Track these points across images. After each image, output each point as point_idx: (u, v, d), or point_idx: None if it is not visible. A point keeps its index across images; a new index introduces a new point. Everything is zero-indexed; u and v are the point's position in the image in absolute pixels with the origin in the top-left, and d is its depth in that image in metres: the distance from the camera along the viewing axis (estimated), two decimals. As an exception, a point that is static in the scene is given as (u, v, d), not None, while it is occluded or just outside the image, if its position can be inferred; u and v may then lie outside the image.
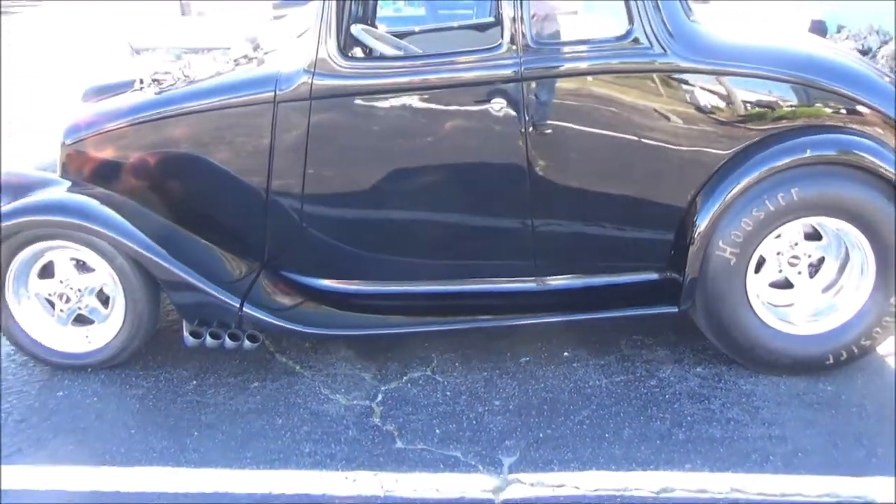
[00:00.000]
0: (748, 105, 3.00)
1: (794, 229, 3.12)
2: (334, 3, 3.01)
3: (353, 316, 3.30)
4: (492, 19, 4.41)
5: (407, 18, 6.94)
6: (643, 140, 3.02)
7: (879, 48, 8.30)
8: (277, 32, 5.07)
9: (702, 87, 2.97)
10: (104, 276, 3.21)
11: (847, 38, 9.05)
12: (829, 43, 3.72)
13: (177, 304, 3.19)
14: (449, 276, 3.35)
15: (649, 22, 2.93)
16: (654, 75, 2.97)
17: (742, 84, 2.97)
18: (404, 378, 3.22)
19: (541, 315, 3.22)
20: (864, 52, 8.71)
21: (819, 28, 5.91)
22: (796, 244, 3.15)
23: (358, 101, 3.10)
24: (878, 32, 8.82)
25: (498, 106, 2.99)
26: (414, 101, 3.10)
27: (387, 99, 3.10)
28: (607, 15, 3.44)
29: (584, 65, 3.00)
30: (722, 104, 2.98)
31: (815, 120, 3.01)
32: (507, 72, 2.99)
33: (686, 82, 2.97)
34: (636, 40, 2.95)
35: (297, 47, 3.55)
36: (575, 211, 3.18)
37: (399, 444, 2.81)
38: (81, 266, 3.24)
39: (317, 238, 3.32)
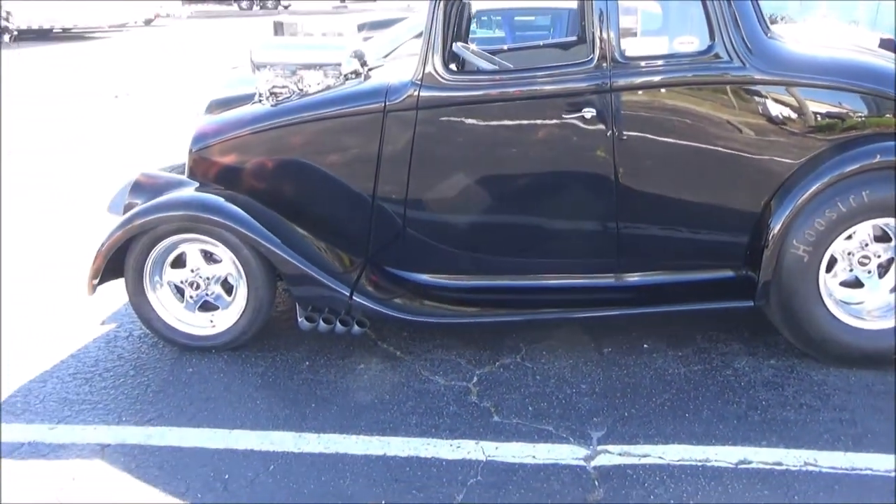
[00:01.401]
0: (820, 115, 3.25)
1: (865, 231, 3.34)
2: (441, 23, 3.36)
3: (448, 307, 3.62)
4: (574, 38, 4.73)
5: (480, 40, 7.30)
6: (720, 149, 3.29)
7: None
8: (370, 53, 5.47)
9: (776, 99, 3.24)
10: (229, 266, 3.59)
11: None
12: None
13: (294, 292, 3.54)
14: (539, 272, 3.65)
15: (730, 38, 3.20)
16: (732, 87, 3.24)
17: (814, 95, 3.23)
18: (496, 364, 3.52)
19: (628, 307, 3.49)
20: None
21: (889, 45, 6.04)
22: (866, 245, 3.37)
23: (459, 112, 3.44)
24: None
25: (588, 115, 3.29)
26: (509, 111, 3.42)
27: (485, 109, 3.43)
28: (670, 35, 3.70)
29: (667, 77, 3.28)
30: (795, 115, 3.24)
31: (884, 129, 3.24)
32: (597, 83, 3.29)
33: (761, 94, 3.24)
34: (717, 55, 3.23)
35: (399, 64, 3.93)
36: (656, 214, 3.46)
37: (496, 419, 3.10)
38: (209, 257, 3.63)
39: (416, 237, 3.66)
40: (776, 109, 3.24)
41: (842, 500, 2.58)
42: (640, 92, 3.30)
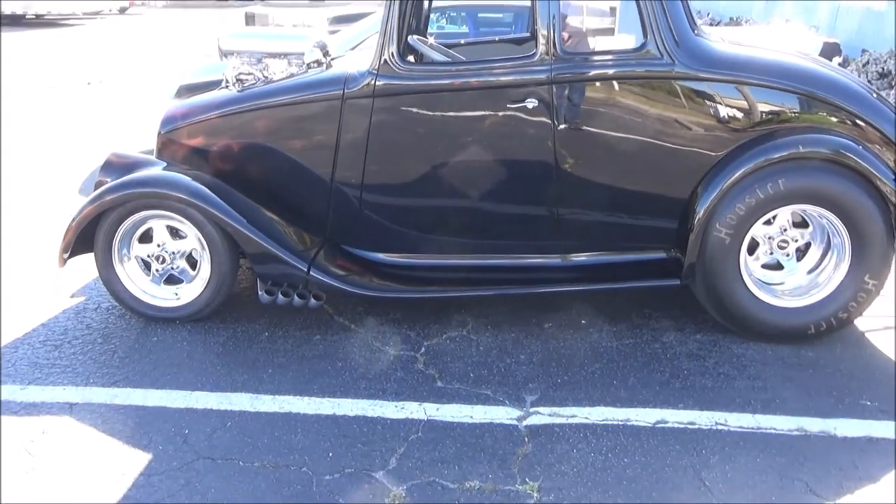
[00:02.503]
0: (741, 110, 3.52)
1: (784, 217, 3.63)
2: (396, 15, 3.60)
3: (400, 284, 3.86)
4: (527, 34, 4.99)
5: (449, 34, 7.55)
6: (651, 139, 3.56)
7: (898, 71, 8.73)
8: (336, 45, 5.70)
9: (702, 94, 3.51)
10: (194, 241, 3.81)
11: (868, 62, 9.50)
12: (827, 62, 4.21)
13: (255, 267, 3.77)
14: (484, 252, 3.91)
15: (661, 36, 3.47)
16: (662, 82, 3.51)
17: (736, 91, 3.50)
18: (444, 336, 3.78)
19: (562, 285, 3.76)
20: (883, 75, 9.16)
21: (832, 50, 6.37)
22: (785, 230, 3.67)
23: (413, 100, 3.68)
24: (897, 56, 9.25)
25: (531, 105, 3.55)
26: (459, 100, 3.67)
27: (437, 98, 3.67)
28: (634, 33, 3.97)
29: (603, 71, 3.55)
30: (719, 109, 3.51)
31: (802, 124, 3.52)
32: (541, 76, 3.55)
33: (688, 89, 3.51)
34: (648, 52, 3.50)
35: (360, 56, 4.16)
36: (594, 198, 3.72)
37: (439, 384, 3.36)
38: (175, 233, 3.85)
39: (372, 218, 3.90)
40: (702, 103, 3.51)
41: (746, 455, 2.86)
42: (578, 84, 3.56)
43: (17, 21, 21.98)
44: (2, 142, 7.68)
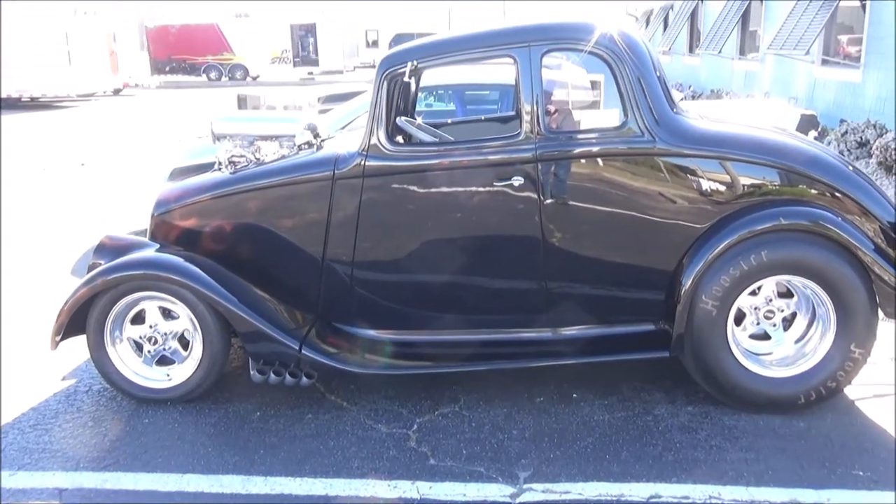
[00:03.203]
0: (724, 184, 3.61)
1: (769, 287, 3.69)
2: (384, 98, 3.72)
3: (392, 360, 3.88)
4: (513, 113, 5.12)
5: (437, 112, 7.73)
6: (636, 213, 3.64)
7: (875, 140, 8.94)
8: (327, 124, 5.84)
9: (683, 169, 3.60)
10: (186, 322, 3.83)
11: (846, 132, 9.74)
12: (803, 136, 4.34)
13: (246, 346, 3.78)
14: (475, 326, 3.94)
15: (640, 114, 3.58)
16: (644, 159, 3.61)
17: (716, 166, 3.60)
18: (436, 412, 3.77)
19: (554, 358, 3.78)
20: (862, 144, 9.38)
21: (810, 122, 6.55)
22: (771, 300, 3.72)
23: (402, 179, 3.76)
24: (874, 126, 9.50)
25: (517, 182, 3.63)
26: (447, 179, 3.75)
27: (425, 177, 3.75)
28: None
29: (587, 149, 3.65)
30: (700, 183, 3.60)
31: (782, 196, 3.61)
32: (526, 154, 3.64)
33: (669, 165, 3.60)
34: (630, 129, 3.61)
35: (350, 136, 4.27)
36: (581, 272, 3.78)
37: (432, 462, 3.34)
38: (167, 314, 3.87)
39: (363, 295, 3.94)
40: (684, 178, 3.61)
41: (740, 529, 2.85)
42: (562, 161, 3.65)
43: (12, 104, 22.37)
44: (1, 223, 7.75)
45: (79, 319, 3.79)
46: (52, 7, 23.57)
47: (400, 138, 3.99)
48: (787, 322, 3.80)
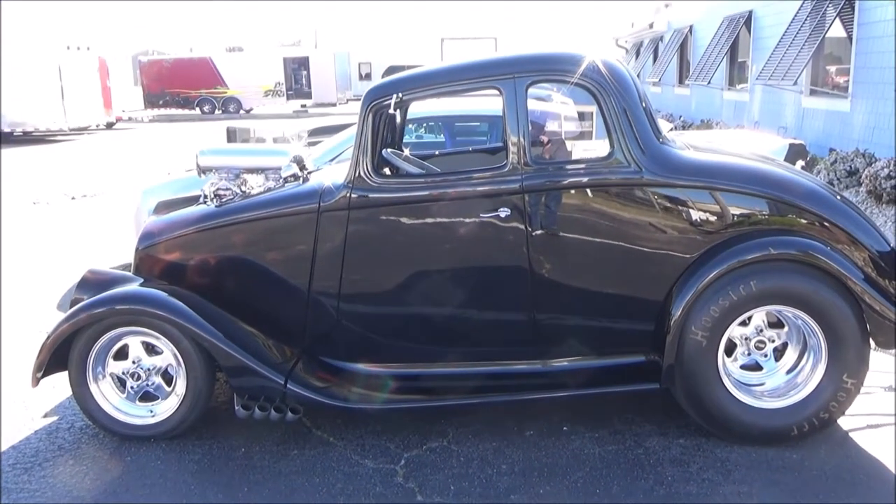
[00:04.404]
0: (713, 213, 3.59)
1: (760, 317, 3.66)
2: (370, 131, 3.70)
3: (380, 395, 3.82)
4: (500, 144, 5.12)
5: (426, 143, 7.74)
6: (624, 244, 3.61)
7: (864, 169, 8.97)
8: (315, 157, 5.82)
9: (671, 199, 3.58)
10: (169, 357, 3.78)
11: (836, 161, 9.78)
12: (790, 166, 4.34)
13: (231, 381, 3.72)
14: (464, 359, 3.89)
15: (627, 145, 3.57)
16: (632, 189, 3.59)
17: (703, 196, 3.57)
18: (424, 447, 3.71)
19: (544, 391, 3.73)
20: (851, 173, 9.41)
21: (798, 151, 6.57)
22: (761, 331, 3.69)
23: (388, 211, 3.73)
24: (863, 155, 9.54)
25: (504, 214, 3.61)
26: (434, 211, 3.72)
27: (411, 209, 3.73)
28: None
29: (574, 180, 3.63)
30: (687, 213, 3.58)
31: (771, 226, 3.59)
32: (513, 186, 3.62)
33: (657, 195, 3.58)
34: (617, 160, 3.59)
35: (337, 168, 4.25)
36: (569, 304, 3.74)
37: (419, 498, 3.28)
38: (151, 349, 3.81)
39: (349, 328, 3.89)
40: (672, 208, 3.59)
41: (733, 566, 2.79)
42: (549, 192, 3.63)
43: (5, 139, 22.36)
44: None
45: (61, 355, 3.73)
46: (45, 42, 23.69)
47: (386, 170, 3.97)
48: (779, 352, 3.76)
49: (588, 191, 3.62)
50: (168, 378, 3.84)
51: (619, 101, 3.59)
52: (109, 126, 27.67)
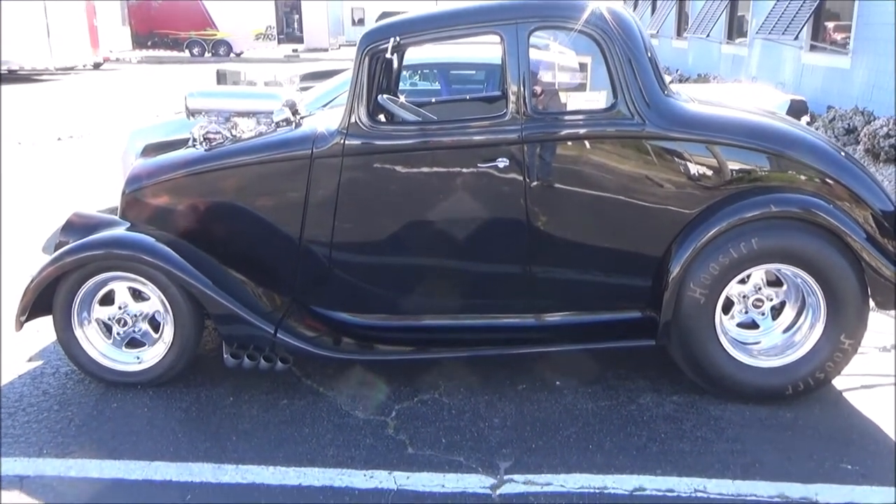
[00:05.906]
0: (715, 169, 3.50)
1: (759, 275, 3.60)
2: (366, 77, 3.57)
3: (371, 346, 3.77)
4: (498, 93, 4.99)
5: (421, 91, 7.58)
6: (624, 197, 3.53)
7: (863, 127, 8.88)
8: (308, 102, 5.67)
9: (673, 153, 3.49)
10: (157, 304, 3.70)
11: (834, 119, 9.67)
12: (794, 121, 4.24)
13: (220, 329, 3.65)
14: (457, 312, 3.83)
15: (630, 97, 3.46)
16: (633, 142, 3.50)
17: (707, 150, 3.49)
18: (415, 399, 3.67)
19: (537, 346, 3.69)
20: (849, 131, 9.31)
21: (800, 107, 6.45)
22: (760, 289, 3.63)
23: (382, 159, 3.63)
24: (862, 113, 9.43)
25: (502, 164, 3.51)
26: (429, 159, 3.62)
27: (406, 157, 3.62)
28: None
29: (574, 131, 3.53)
30: (690, 168, 3.49)
31: (772, 183, 3.51)
32: (512, 136, 3.52)
33: (659, 148, 3.49)
34: (619, 112, 3.49)
35: (330, 114, 4.13)
36: (566, 257, 3.67)
37: (410, 451, 3.24)
38: (137, 295, 3.73)
39: (341, 278, 3.81)
40: (674, 162, 3.50)
41: (726, 524, 2.77)
42: (549, 144, 3.53)
43: (-10, 77, 21.92)
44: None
45: (45, 299, 3.65)
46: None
47: (382, 117, 3.86)
48: (776, 311, 3.72)
49: (588, 143, 3.52)
50: (155, 325, 3.77)
51: (625, 50, 3.47)
52: (96, 66, 27.12)
